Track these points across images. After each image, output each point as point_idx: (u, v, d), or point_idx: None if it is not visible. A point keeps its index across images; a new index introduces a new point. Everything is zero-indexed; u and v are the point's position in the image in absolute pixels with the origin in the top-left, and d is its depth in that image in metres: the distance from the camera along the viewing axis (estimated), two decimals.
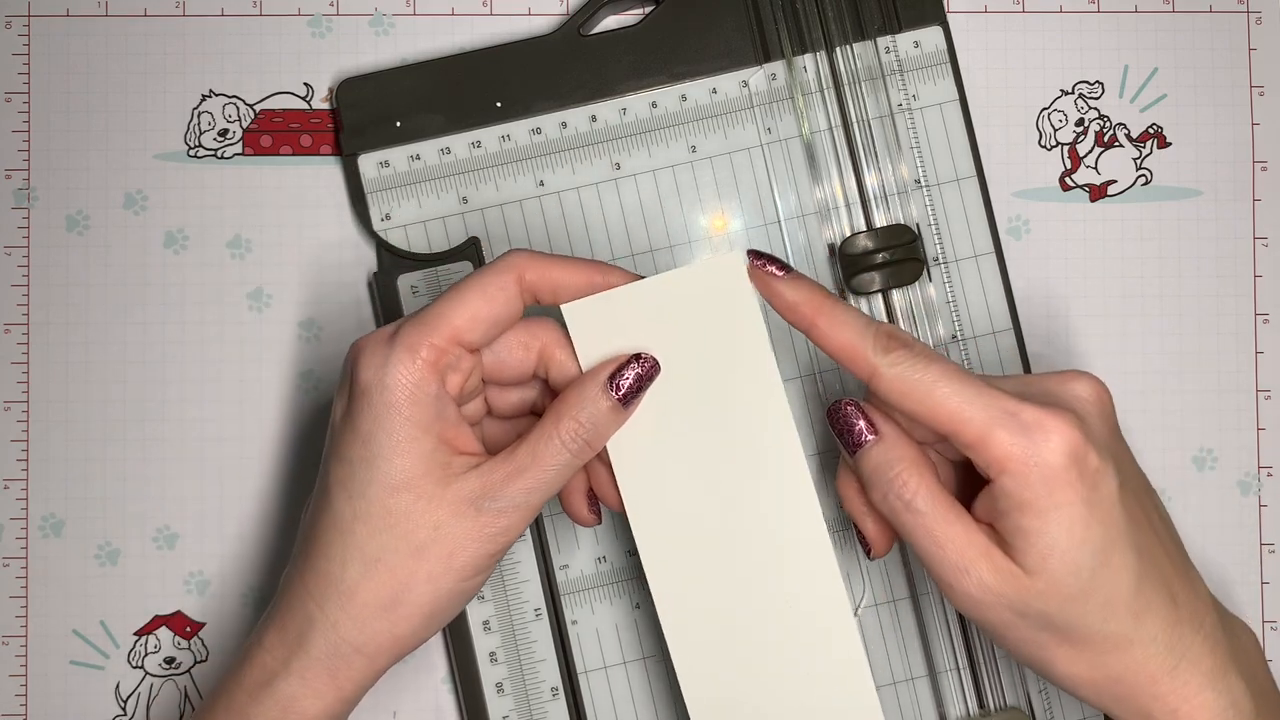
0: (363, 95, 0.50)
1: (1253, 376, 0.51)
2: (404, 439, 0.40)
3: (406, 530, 0.40)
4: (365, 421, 0.40)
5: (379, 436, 0.40)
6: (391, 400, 0.40)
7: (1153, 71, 0.52)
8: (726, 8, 0.50)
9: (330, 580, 0.40)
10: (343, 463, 0.41)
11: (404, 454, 0.40)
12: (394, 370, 0.40)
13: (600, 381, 0.41)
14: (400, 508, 0.40)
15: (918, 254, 0.49)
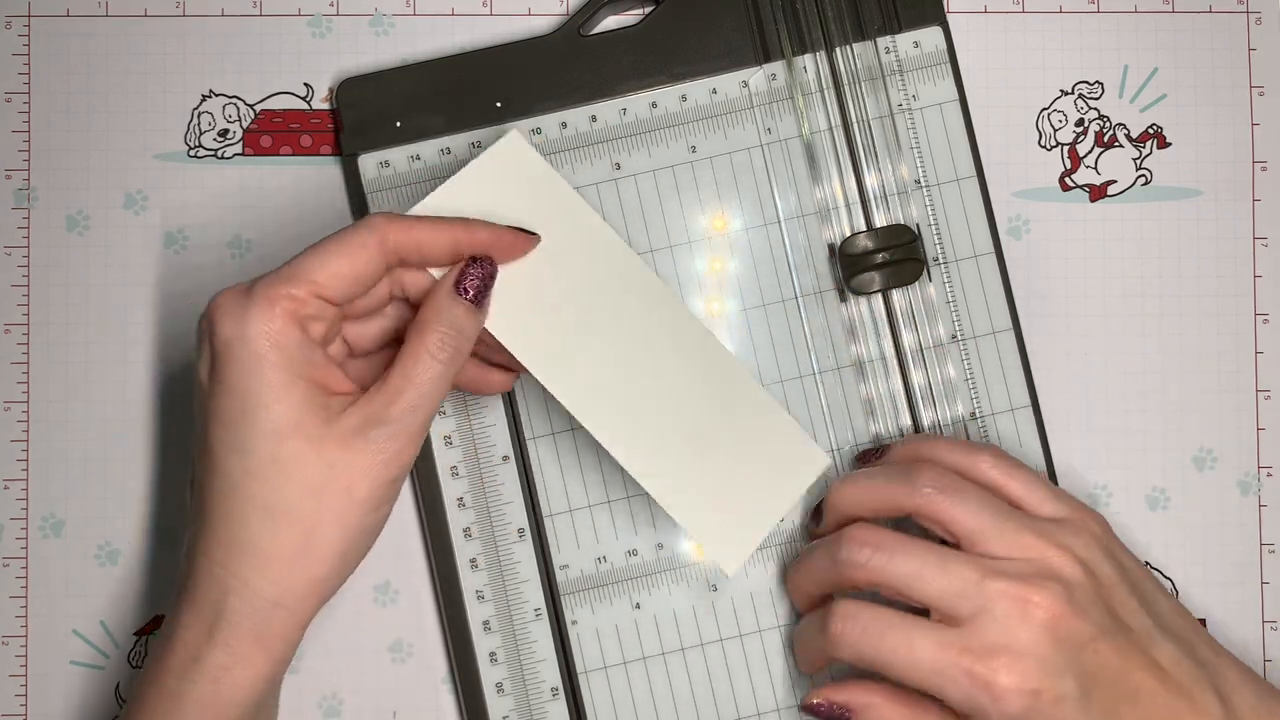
0: (363, 95, 0.50)
1: (1253, 376, 0.51)
2: (277, 386, 0.40)
3: (300, 475, 0.40)
4: (234, 376, 0.40)
5: (253, 388, 0.40)
6: (256, 350, 0.40)
7: (1153, 72, 0.52)
8: (726, 8, 0.50)
9: (234, 542, 0.40)
10: (221, 422, 0.40)
11: (281, 400, 0.40)
12: (255, 322, 0.40)
13: (448, 289, 0.42)
14: (289, 454, 0.40)
15: (918, 254, 0.49)
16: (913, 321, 0.50)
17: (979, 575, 0.41)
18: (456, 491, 0.49)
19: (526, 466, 0.49)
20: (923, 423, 0.49)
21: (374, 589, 0.50)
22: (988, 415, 0.50)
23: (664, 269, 0.50)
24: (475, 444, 0.49)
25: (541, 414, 0.49)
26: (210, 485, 0.40)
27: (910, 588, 0.42)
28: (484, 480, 0.49)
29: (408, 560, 0.50)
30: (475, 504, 0.49)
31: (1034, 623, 0.41)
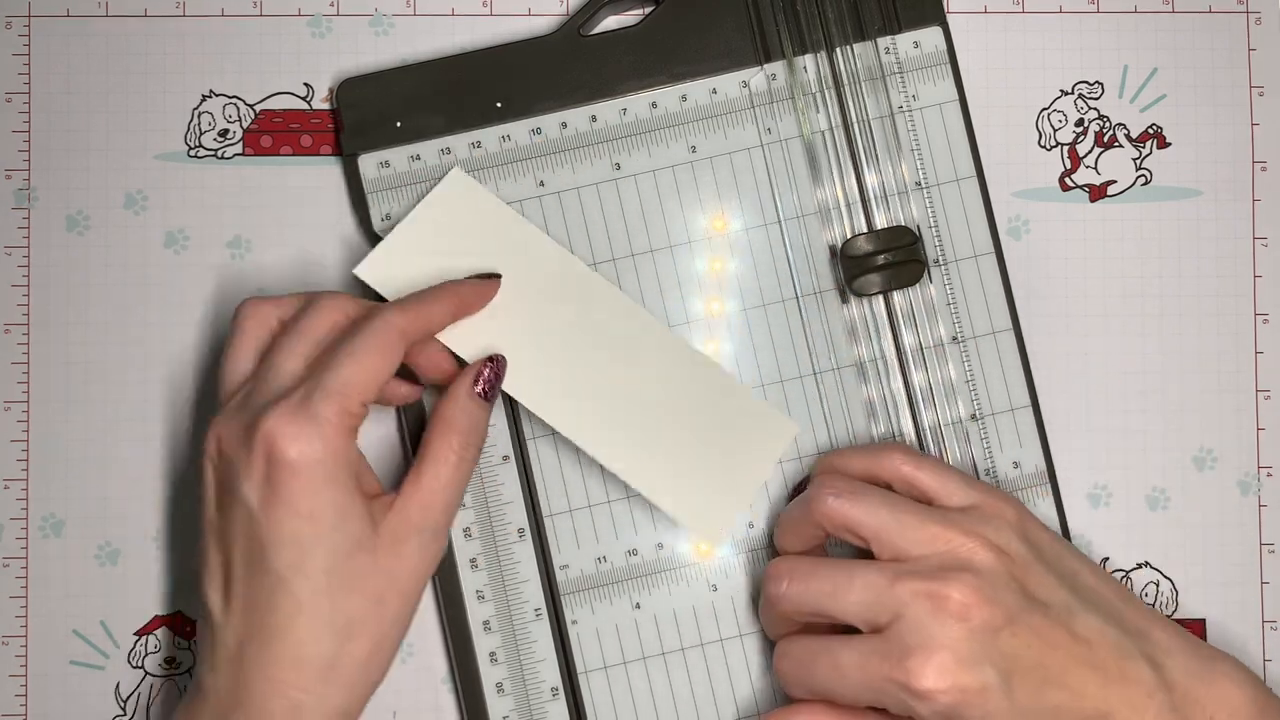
0: (363, 95, 0.50)
1: (1253, 376, 0.51)
2: (344, 505, 0.42)
3: (366, 588, 0.42)
4: (305, 499, 0.41)
5: (322, 509, 0.41)
6: (329, 474, 0.41)
7: (1152, 72, 0.52)
8: (726, 8, 0.50)
9: (305, 659, 0.41)
10: (286, 545, 0.41)
11: (349, 519, 0.42)
12: (326, 444, 0.41)
13: (468, 390, 0.45)
14: (356, 569, 0.42)
15: (919, 255, 0.49)
16: (913, 322, 0.50)
17: (888, 580, 0.42)
18: None
19: (526, 466, 0.49)
20: (923, 423, 0.49)
21: None
22: (988, 415, 0.50)
23: (664, 269, 0.50)
24: None
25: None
26: (273, 605, 0.41)
27: (828, 608, 0.43)
28: (484, 480, 0.49)
29: None
30: (475, 504, 0.49)
31: (947, 617, 0.41)
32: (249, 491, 0.41)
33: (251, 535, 0.41)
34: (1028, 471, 0.50)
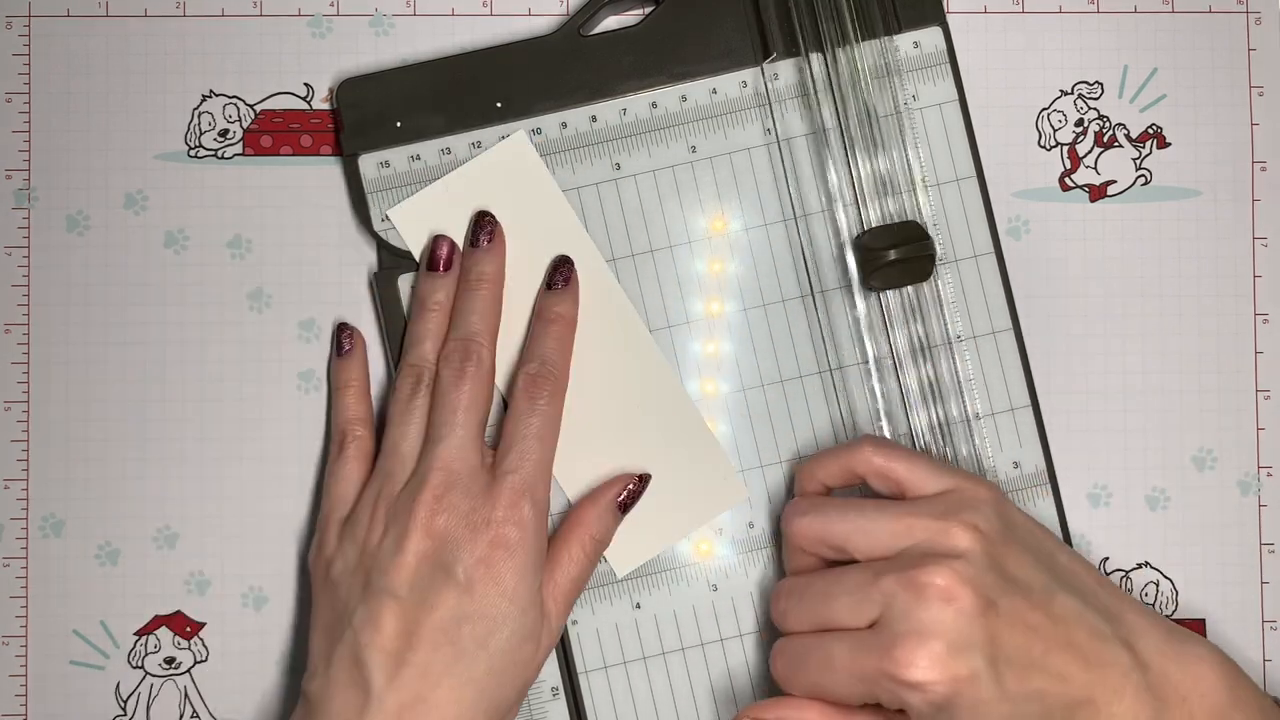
0: (363, 95, 0.50)
1: (1253, 376, 0.51)
2: (535, 594, 0.44)
3: (522, 676, 0.45)
4: (511, 579, 0.43)
5: (522, 595, 0.44)
6: (534, 560, 0.44)
7: (1152, 72, 0.52)
8: (726, 8, 0.50)
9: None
10: (483, 621, 0.43)
11: (534, 607, 0.44)
12: (538, 530, 0.44)
13: (611, 504, 0.47)
14: (522, 658, 0.44)
15: (931, 250, 0.48)
16: (917, 319, 0.50)
17: (870, 577, 0.42)
18: None
19: None
20: (920, 423, 0.49)
21: None
22: (987, 415, 0.50)
23: (664, 269, 0.50)
24: None
25: None
26: (448, 676, 0.43)
27: (826, 617, 0.43)
28: None
29: None
30: None
31: (931, 602, 0.40)
32: (462, 567, 0.43)
33: (451, 608, 0.43)
34: (1028, 471, 0.50)
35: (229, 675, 0.50)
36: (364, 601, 0.44)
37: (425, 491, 0.44)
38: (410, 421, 0.46)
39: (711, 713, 0.49)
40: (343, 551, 0.45)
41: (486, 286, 0.48)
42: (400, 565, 0.44)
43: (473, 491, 0.44)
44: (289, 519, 0.50)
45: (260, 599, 0.50)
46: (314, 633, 0.46)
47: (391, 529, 0.44)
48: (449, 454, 0.45)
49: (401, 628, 0.43)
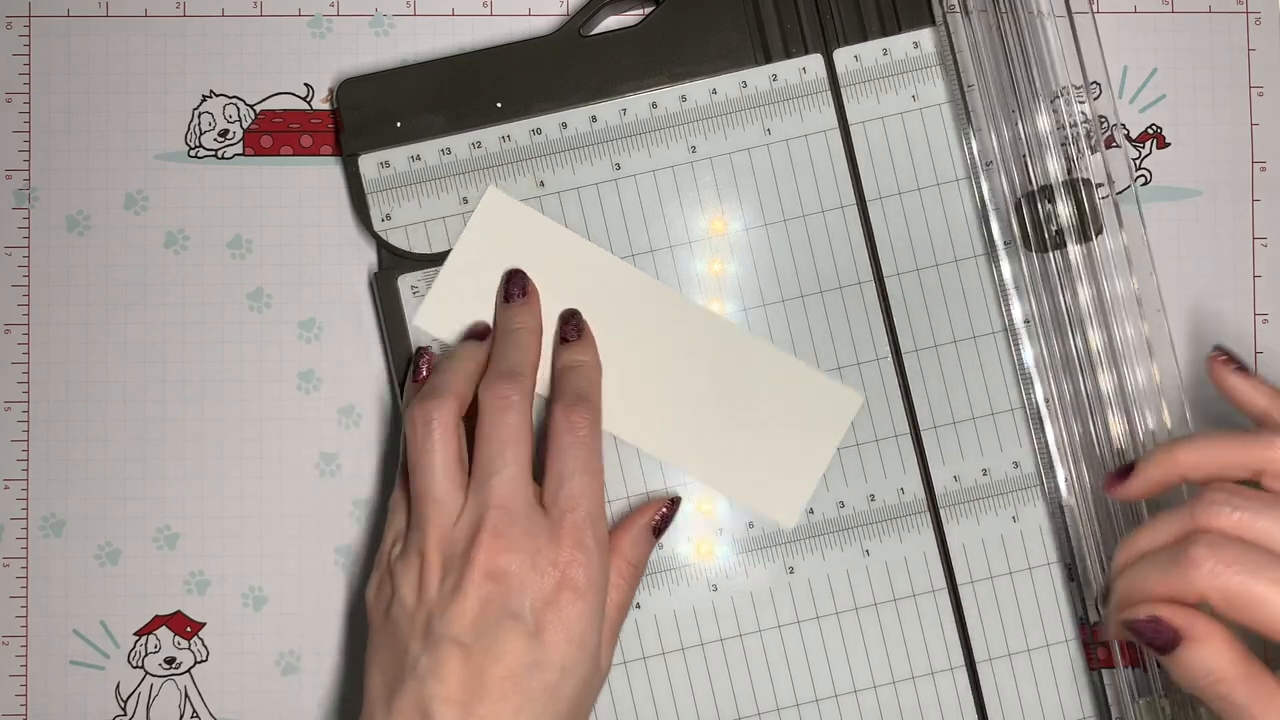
0: (363, 96, 0.50)
1: None
2: (600, 640, 0.43)
3: (586, 715, 0.44)
4: (580, 625, 0.42)
5: (590, 641, 0.43)
6: (600, 604, 0.43)
7: (1152, 72, 0.52)
8: (726, 8, 0.50)
9: None
10: (552, 669, 0.42)
11: (599, 654, 0.43)
12: (604, 573, 0.44)
13: (646, 530, 0.46)
14: (587, 704, 0.44)
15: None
16: (913, 324, 0.50)
17: None
18: None
19: None
20: (923, 425, 0.49)
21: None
22: (986, 415, 0.50)
23: (664, 269, 0.50)
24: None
25: (540, 412, 0.49)
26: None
27: None
28: None
29: None
30: None
31: None
32: (530, 612, 0.42)
33: (519, 655, 0.41)
34: (1028, 471, 0.50)
35: (229, 675, 0.50)
36: (427, 649, 0.41)
37: (484, 531, 0.42)
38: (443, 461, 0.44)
39: (712, 713, 0.49)
40: (398, 593, 0.43)
41: (527, 335, 0.47)
42: (463, 610, 0.41)
43: (532, 530, 0.42)
44: (289, 519, 0.50)
45: (260, 599, 0.50)
46: (371, 671, 0.43)
47: (450, 571, 0.42)
48: (503, 490, 0.43)
49: (467, 676, 0.41)
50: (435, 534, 0.43)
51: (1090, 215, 0.49)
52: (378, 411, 0.51)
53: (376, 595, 0.44)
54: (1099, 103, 0.50)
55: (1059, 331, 0.49)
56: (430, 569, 0.42)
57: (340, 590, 0.50)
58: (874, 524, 0.49)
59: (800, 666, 0.49)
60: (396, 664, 0.42)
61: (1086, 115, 0.49)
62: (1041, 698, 0.49)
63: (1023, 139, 0.49)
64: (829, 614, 0.49)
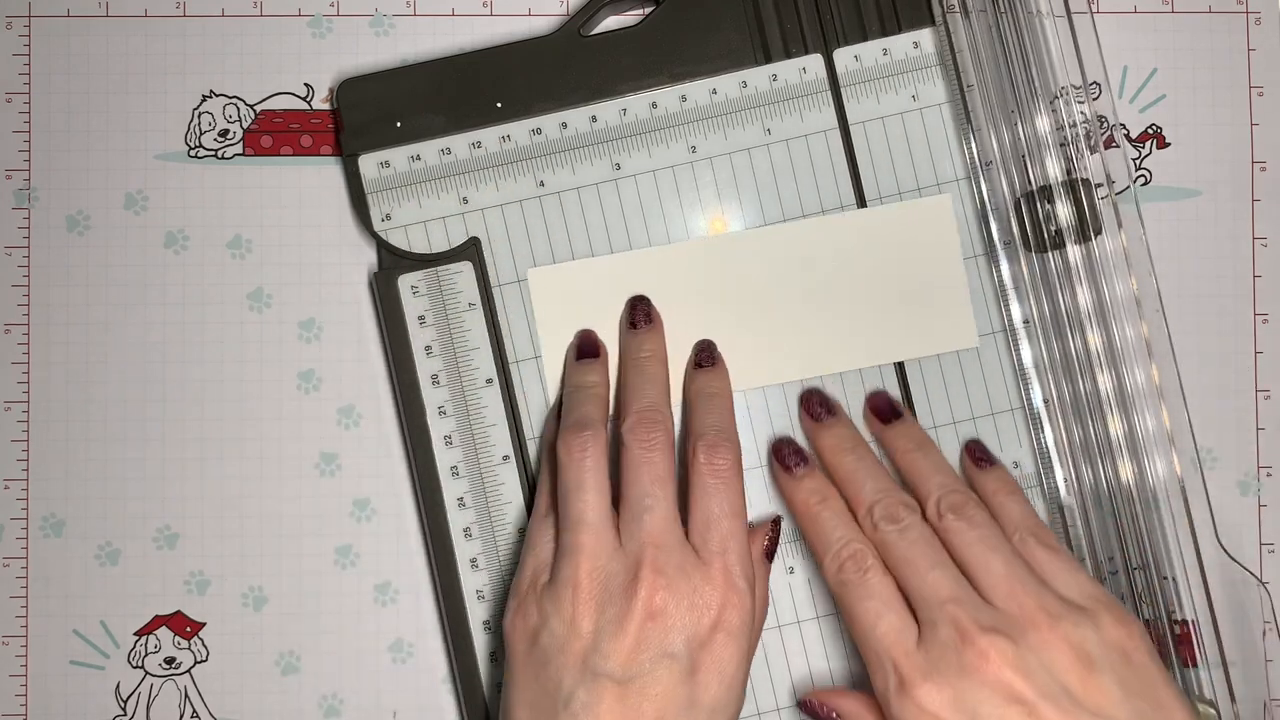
0: (363, 96, 0.50)
1: (1252, 376, 0.51)
2: (745, 679, 0.43)
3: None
4: (732, 662, 0.42)
5: (740, 678, 0.43)
6: (751, 646, 0.43)
7: (1152, 72, 0.52)
8: (726, 8, 0.50)
9: None
10: (703, 710, 0.42)
11: (743, 696, 0.43)
12: (754, 607, 0.43)
13: (764, 561, 0.46)
14: None
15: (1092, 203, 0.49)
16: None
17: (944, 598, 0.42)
18: (457, 491, 0.49)
19: (526, 467, 0.49)
20: (923, 425, 0.49)
21: (374, 589, 0.50)
22: (985, 416, 0.50)
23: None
24: (475, 444, 0.49)
25: (542, 414, 0.49)
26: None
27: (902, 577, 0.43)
28: (484, 480, 0.49)
29: (408, 560, 0.50)
30: (475, 504, 0.49)
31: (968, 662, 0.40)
32: (687, 652, 0.42)
33: (672, 696, 0.41)
34: (1028, 470, 0.50)
35: (229, 675, 0.50)
36: (582, 683, 0.41)
37: (644, 567, 0.42)
38: (594, 488, 0.44)
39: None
40: (547, 624, 0.42)
41: (655, 363, 0.47)
42: (621, 647, 0.41)
43: (687, 571, 0.42)
44: (289, 519, 0.50)
45: (260, 599, 0.50)
46: (515, 703, 0.43)
47: (608, 607, 0.42)
48: (657, 528, 0.43)
49: (623, 715, 0.41)
50: (589, 565, 0.43)
51: (1090, 215, 0.49)
52: (377, 411, 0.51)
53: (519, 624, 0.44)
54: (1099, 103, 0.50)
55: (1058, 332, 0.49)
56: (585, 600, 0.42)
57: (340, 590, 0.50)
58: None
59: (800, 666, 0.49)
60: (548, 697, 0.42)
61: (1086, 115, 0.49)
62: None
63: (1022, 139, 0.49)
64: (829, 614, 0.49)
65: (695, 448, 0.45)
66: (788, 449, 0.48)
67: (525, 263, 0.50)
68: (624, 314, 0.49)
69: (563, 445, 0.44)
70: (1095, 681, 0.40)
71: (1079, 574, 0.43)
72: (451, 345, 0.49)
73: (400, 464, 0.50)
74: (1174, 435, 0.48)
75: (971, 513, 0.44)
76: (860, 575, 0.43)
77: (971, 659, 0.40)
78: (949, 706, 0.40)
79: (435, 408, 0.49)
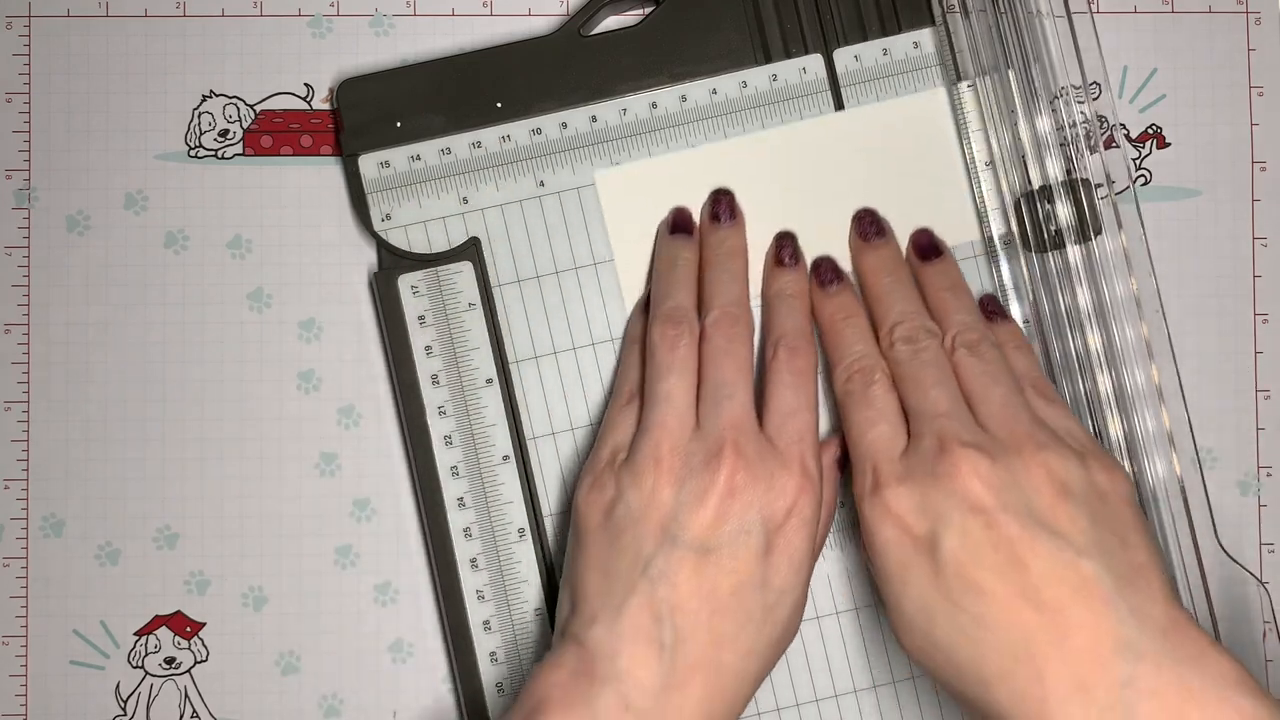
0: (363, 95, 0.50)
1: (1252, 376, 0.51)
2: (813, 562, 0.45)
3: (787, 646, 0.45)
4: (802, 547, 0.43)
5: (807, 565, 0.44)
6: (821, 526, 0.44)
7: (1152, 72, 0.52)
8: (726, 8, 0.50)
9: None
10: (772, 590, 0.43)
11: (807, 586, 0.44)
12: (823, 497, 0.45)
13: (834, 469, 0.47)
14: (793, 632, 0.44)
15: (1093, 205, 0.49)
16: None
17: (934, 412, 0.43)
18: (456, 491, 0.49)
19: (526, 466, 0.49)
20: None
21: (374, 589, 0.50)
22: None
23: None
24: (475, 444, 0.49)
25: (541, 414, 0.49)
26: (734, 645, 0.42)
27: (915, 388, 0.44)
28: (484, 480, 0.49)
29: (408, 560, 0.50)
30: (475, 504, 0.49)
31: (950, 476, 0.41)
32: (763, 532, 0.42)
33: (748, 573, 0.42)
34: None
35: (229, 675, 0.50)
36: (660, 551, 0.42)
37: (725, 448, 0.43)
38: (683, 372, 0.45)
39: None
40: (624, 497, 0.43)
41: (736, 259, 0.48)
42: (701, 520, 0.42)
43: (764, 456, 0.43)
44: (289, 519, 0.50)
45: (260, 599, 0.50)
46: (586, 573, 0.43)
47: (688, 481, 0.43)
48: (738, 414, 0.44)
49: (699, 586, 0.42)
50: (671, 442, 0.43)
51: (1090, 215, 0.49)
52: (377, 411, 0.51)
53: (595, 498, 0.44)
54: (1099, 103, 0.50)
55: (1058, 332, 0.49)
56: (666, 474, 0.43)
57: (340, 590, 0.50)
58: None
59: (800, 666, 0.49)
60: (624, 563, 0.42)
61: (1086, 115, 0.49)
62: None
63: (1022, 139, 0.49)
64: (829, 614, 0.49)
65: (776, 348, 0.46)
66: (825, 266, 0.48)
67: (525, 263, 0.50)
68: (705, 206, 0.49)
69: (658, 331, 0.46)
70: (1065, 508, 0.40)
71: (1077, 425, 0.44)
72: (451, 345, 0.49)
73: (400, 464, 0.50)
74: (1174, 435, 0.48)
75: (984, 350, 0.45)
76: (865, 387, 0.45)
77: (944, 467, 0.41)
78: (913, 510, 0.41)
79: (435, 408, 0.49)
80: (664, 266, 0.48)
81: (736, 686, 0.42)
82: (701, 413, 0.44)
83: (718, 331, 0.46)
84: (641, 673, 0.41)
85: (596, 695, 0.40)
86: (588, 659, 0.41)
